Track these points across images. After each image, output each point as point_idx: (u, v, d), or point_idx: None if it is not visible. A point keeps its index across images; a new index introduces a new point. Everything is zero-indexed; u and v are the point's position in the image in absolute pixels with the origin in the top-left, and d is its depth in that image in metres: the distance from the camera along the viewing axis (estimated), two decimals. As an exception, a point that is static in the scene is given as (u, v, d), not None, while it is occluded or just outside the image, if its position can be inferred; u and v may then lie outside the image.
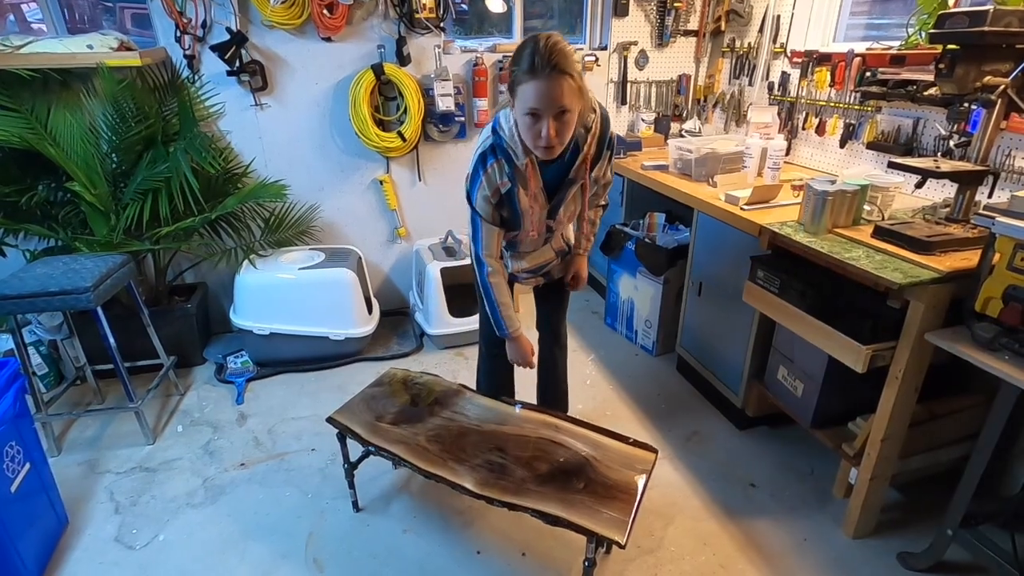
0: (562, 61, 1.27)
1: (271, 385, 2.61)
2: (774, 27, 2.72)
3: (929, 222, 1.66)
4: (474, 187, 1.49)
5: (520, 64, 1.30)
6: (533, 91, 1.29)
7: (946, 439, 1.80)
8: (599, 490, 1.46)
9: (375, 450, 1.67)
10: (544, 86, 1.28)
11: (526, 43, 1.30)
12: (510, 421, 1.72)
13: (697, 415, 2.37)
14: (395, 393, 1.88)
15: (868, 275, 1.47)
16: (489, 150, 1.45)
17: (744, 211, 2.00)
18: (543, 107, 1.30)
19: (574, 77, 1.30)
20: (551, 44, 1.26)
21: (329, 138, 2.86)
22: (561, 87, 1.29)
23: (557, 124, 1.32)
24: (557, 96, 1.29)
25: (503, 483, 1.49)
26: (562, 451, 1.58)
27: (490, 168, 1.46)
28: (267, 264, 2.63)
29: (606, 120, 1.53)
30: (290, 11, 2.49)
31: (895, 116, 2.17)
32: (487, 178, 1.46)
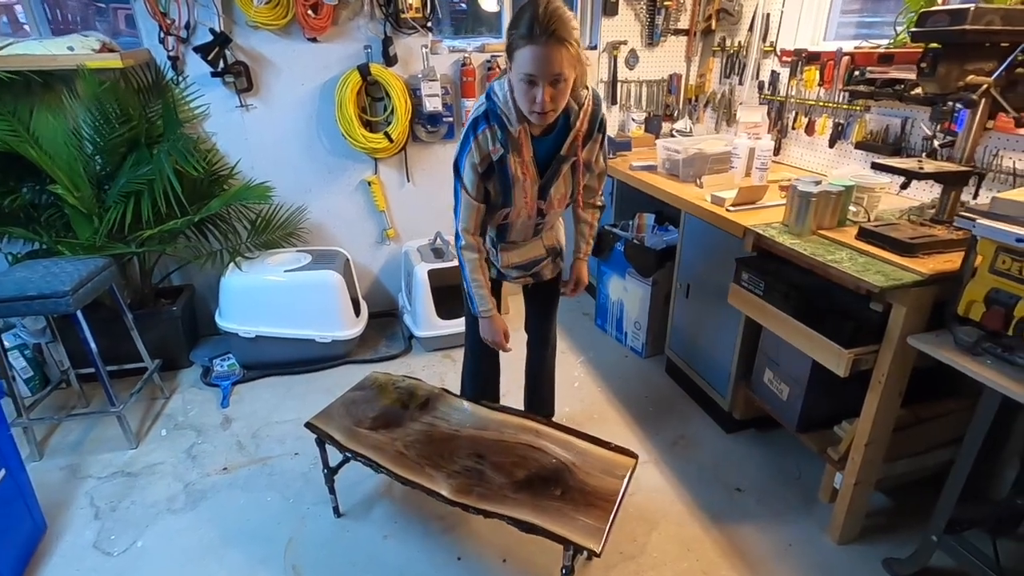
0: (561, 28, 1.26)
1: (257, 388, 2.60)
2: (764, 26, 2.69)
3: (914, 223, 1.64)
4: (463, 152, 1.47)
5: (519, 28, 1.28)
6: (530, 56, 1.28)
7: (933, 443, 1.78)
8: (577, 497, 1.44)
9: (352, 456, 1.65)
10: (541, 52, 1.26)
11: (526, 6, 1.28)
12: (491, 426, 1.70)
13: (685, 418, 2.35)
14: (376, 397, 1.86)
15: (850, 278, 1.44)
16: (482, 116, 1.43)
17: (729, 212, 1.98)
18: (539, 73, 1.29)
19: (572, 45, 1.29)
20: (551, 9, 1.24)
21: (316, 139, 2.84)
22: (559, 54, 1.27)
23: (552, 90, 1.31)
24: (554, 63, 1.28)
25: (480, 490, 1.47)
26: (541, 457, 1.56)
27: (481, 134, 1.44)
28: (253, 266, 2.61)
29: (598, 99, 1.52)
30: (274, 11, 2.47)
31: (883, 115, 2.15)
32: (477, 144, 1.44)
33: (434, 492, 1.48)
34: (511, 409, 1.78)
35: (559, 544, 1.35)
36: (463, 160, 1.48)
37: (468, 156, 1.46)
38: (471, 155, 1.45)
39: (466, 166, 1.48)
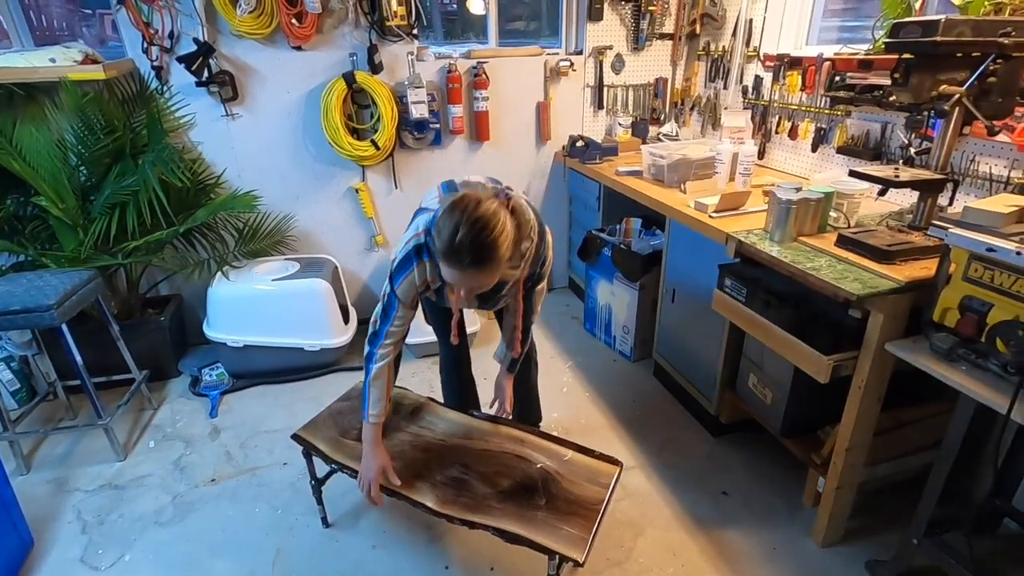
0: (485, 255, 1.16)
1: (246, 397, 2.60)
2: (747, 31, 2.71)
3: (892, 229, 1.66)
4: (402, 274, 1.39)
5: (439, 240, 1.18)
6: (449, 275, 1.23)
7: (914, 446, 1.80)
8: (561, 506, 1.45)
9: (338, 467, 1.65)
10: (461, 276, 1.21)
11: (451, 215, 1.16)
12: (476, 435, 1.70)
13: (672, 422, 2.36)
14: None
15: (827, 286, 1.46)
16: (423, 247, 1.36)
17: (712, 219, 1.99)
18: (462, 287, 1.27)
19: (495, 266, 1.20)
20: (473, 235, 1.14)
21: (303, 147, 2.84)
22: (480, 278, 1.22)
23: (472, 292, 1.31)
24: (475, 283, 1.24)
25: (464, 500, 1.48)
26: (526, 466, 1.57)
27: (419, 266, 1.38)
28: (241, 275, 2.61)
29: (542, 242, 1.47)
30: (258, 21, 2.47)
31: (864, 121, 2.17)
32: (418, 271, 1.38)
33: (419, 503, 1.48)
34: (498, 418, 1.79)
35: (544, 554, 1.36)
36: (400, 279, 1.40)
37: (408, 277, 1.39)
38: (411, 277, 1.39)
39: (404, 284, 1.40)
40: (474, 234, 1.14)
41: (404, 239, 1.42)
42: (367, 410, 1.53)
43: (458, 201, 1.19)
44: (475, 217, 1.15)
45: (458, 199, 1.19)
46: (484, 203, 1.18)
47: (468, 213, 1.16)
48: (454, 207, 1.18)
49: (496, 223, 1.17)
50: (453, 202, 1.19)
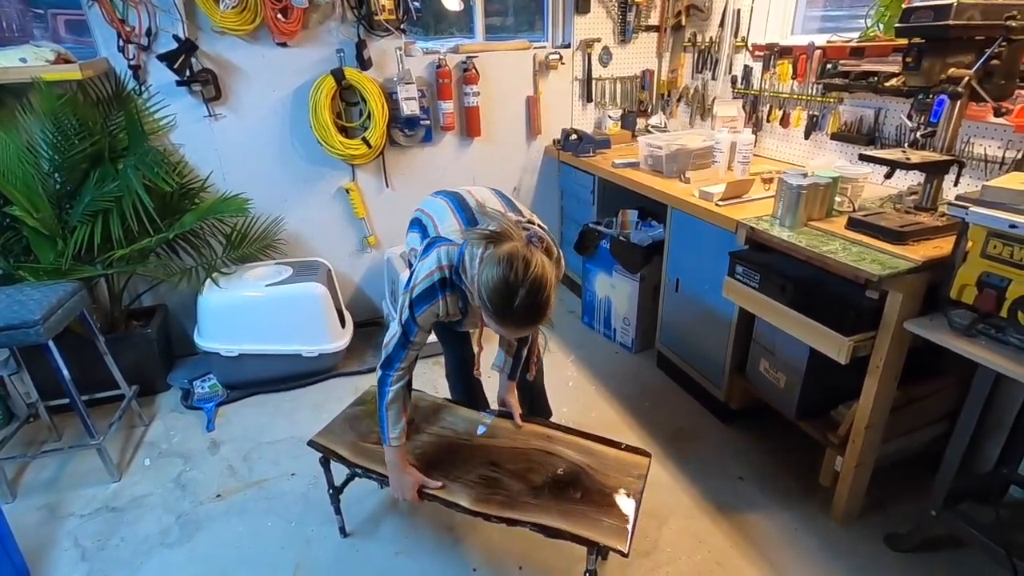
0: (540, 315, 1.20)
1: (243, 408, 2.50)
2: (734, 21, 2.75)
3: (899, 211, 1.70)
4: (424, 305, 1.37)
5: (490, 297, 1.18)
6: (502, 330, 1.28)
7: (923, 421, 1.85)
8: (596, 498, 1.44)
9: (362, 472, 1.60)
10: (514, 331, 1.29)
11: (501, 272, 1.15)
12: (501, 434, 1.68)
13: (681, 411, 2.38)
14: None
15: (847, 268, 1.49)
16: (449, 282, 1.36)
17: (719, 207, 2.01)
18: (509, 337, 1.38)
19: (549, 315, 1.23)
20: (531, 300, 1.15)
21: (290, 147, 2.75)
22: (532, 329, 1.34)
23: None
24: (525, 336, 1.39)
25: (499, 497, 1.45)
26: (556, 461, 1.56)
27: (442, 299, 1.37)
28: (231, 282, 2.51)
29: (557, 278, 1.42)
30: (241, 16, 2.37)
31: (857, 107, 2.22)
32: (442, 303, 1.37)
33: (453, 504, 1.45)
34: (504, 412, 1.76)
35: (583, 547, 1.35)
36: (423, 308, 1.37)
37: (431, 307, 1.37)
38: (436, 306, 1.37)
39: (426, 314, 1.38)
40: (532, 297, 1.16)
41: (422, 268, 1.38)
42: (387, 434, 1.49)
43: (506, 260, 1.16)
44: (530, 280, 1.15)
45: (505, 257, 1.16)
46: (532, 261, 1.16)
47: (520, 275, 1.15)
48: (502, 265, 1.16)
49: (547, 281, 1.18)
50: (500, 260, 1.16)
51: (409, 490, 1.48)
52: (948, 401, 1.86)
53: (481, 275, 1.19)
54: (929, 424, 1.87)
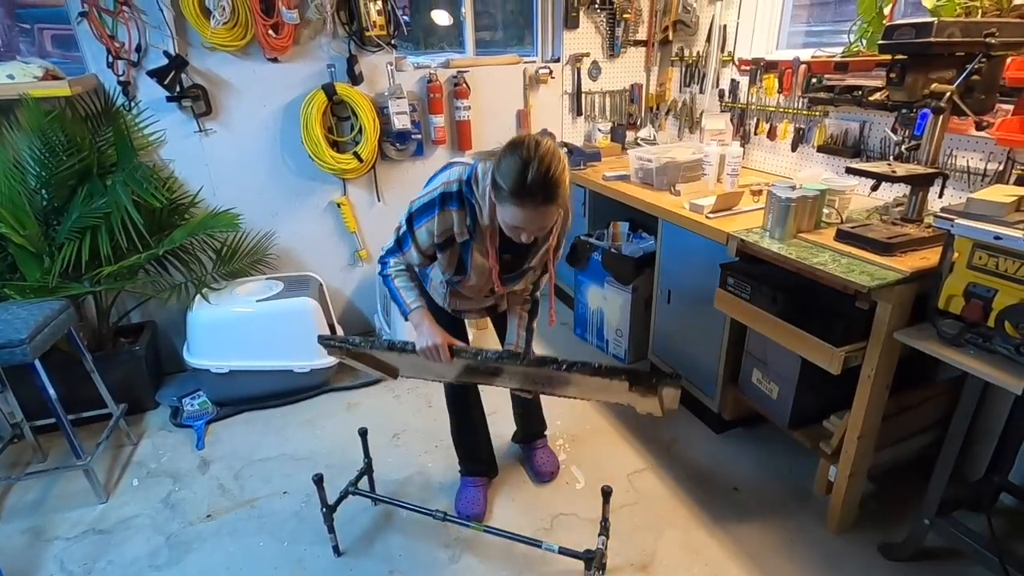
0: (557, 190, 1.20)
1: (233, 425, 2.47)
2: (720, 37, 2.79)
3: (885, 222, 1.73)
4: (424, 216, 1.38)
5: (505, 180, 1.19)
6: (519, 216, 1.23)
7: (915, 429, 1.87)
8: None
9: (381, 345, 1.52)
10: (531, 214, 1.22)
11: (516, 154, 1.18)
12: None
13: (674, 421, 2.38)
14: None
15: (837, 280, 1.50)
16: (456, 195, 1.36)
17: (709, 219, 2.03)
18: (527, 228, 1.27)
19: (565, 200, 1.25)
20: (544, 170, 1.16)
21: (281, 161, 2.74)
22: (549, 212, 1.24)
23: (539, 231, 1.31)
24: (544, 221, 1.26)
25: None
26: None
27: (451, 211, 1.37)
28: (221, 298, 2.48)
29: (569, 218, 1.48)
30: (233, 32, 2.37)
31: (842, 120, 2.26)
32: (442, 218, 1.37)
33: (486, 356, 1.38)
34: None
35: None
36: (421, 222, 1.39)
37: (428, 222, 1.38)
38: (432, 223, 1.38)
39: (422, 229, 1.40)
40: (544, 170, 1.17)
41: (429, 184, 1.41)
42: (404, 304, 1.49)
43: (518, 142, 1.21)
44: (542, 154, 1.17)
45: (516, 140, 1.22)
46: (542, 141, 1.20)
47: (533, 151, 1.18)
48: (516, 148, 1.20)
49: (560, 157, 1.21)
50: (513, 143, 1.22)
51: (440, 345, 1.40)
52: (939, 408, 1.88)
53: (496, 168, 1.22)
54: (921, 431, 1.89)
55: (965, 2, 1.72)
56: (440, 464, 2.19)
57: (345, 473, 1.91)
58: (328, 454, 2.25)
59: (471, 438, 1.98)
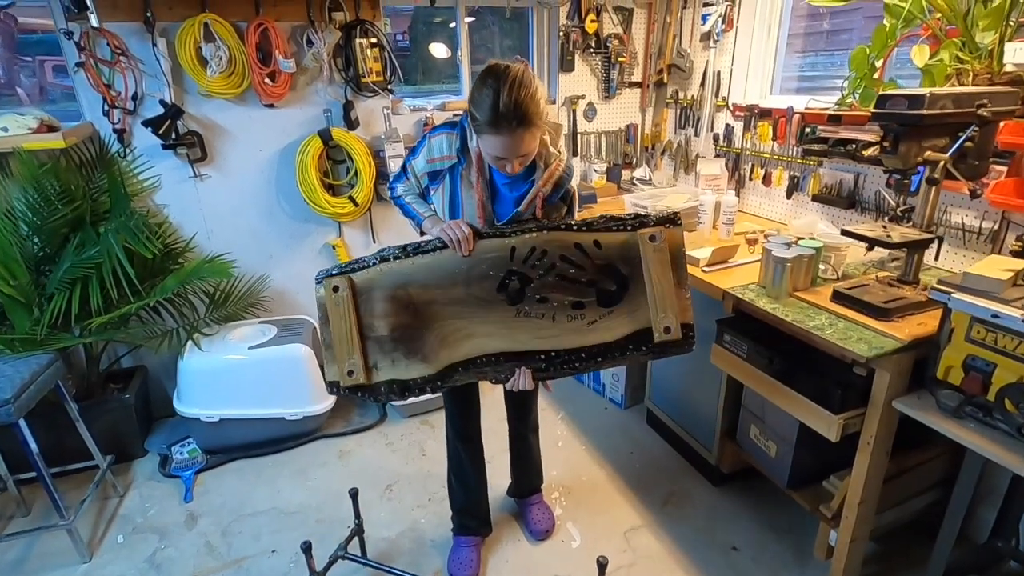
0: (529, 112, 1.23)
1: (223, 475, 2.42)
2: (715, 82, 2.82)
3: (882, 282, 1.72)
4: (416, 150, 1.52)
5: (480, 113, 1.24)
6: (498, 144, 1.27)
7: (917, 490, 1.83)
8: None
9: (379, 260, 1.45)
10: (508, 140, 1.26)
11: (486, 83, 1.23)
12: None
13: (672, 473, 2.35)
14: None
15: (835, 347, 1.48)
16: (447, 124, 1.46)
17: (705, 273, 2.02)
18: (508, 156, 1.30)
19: (539, 120, 1.27)
20: (516, 97, 1.20)
21: (276, 204, 2.74)
22: (527, 136, 1.26)
23: (522, 158, 1.33)
24: (523, 145, 1.29)
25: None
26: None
27: (442, 134, 1.45)
28: (214, 344, 2.46)
29: (569, 169, 1.52)
30: (229, 80, 2.38)
31: (837, 170, 2.27)
32: (431, 144, 1.46)
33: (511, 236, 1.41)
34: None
35: None
36: (419, 148, 1.51)
37: (423, 153, 1.49)
38: (428, 148, 1.47)
39: (420, 155, 1.50)
40: (516, 93, 1.20)
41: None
42: (417, 215, 1.57)
43: (488, 70, 1.25)
44: (512, 78, 1.21)
45: (486, 69, 1.26)
46: (512, 65, 1.24)
47: (503, 77, 1.21)
48: (486, 76, 1.24)
49: (531, 79, 1.24)
50: (483, 73, 1.25)
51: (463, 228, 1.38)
52: (941, 468, 1.85)
53: (471, 101, 1.27)
54: (923, 492, 1.86)
55: (955, 64, 1.73)
56: (433, 519, 2.14)
57: (336, 529, 1.87)
58: (319, 507, 2.20)
59: (468, 493, 1.93)
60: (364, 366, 1.45)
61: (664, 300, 1.38)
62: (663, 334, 1.39)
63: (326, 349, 1.47)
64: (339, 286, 1.43)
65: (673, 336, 1.39)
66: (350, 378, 1.45)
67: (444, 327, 1.45)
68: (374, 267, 1.45)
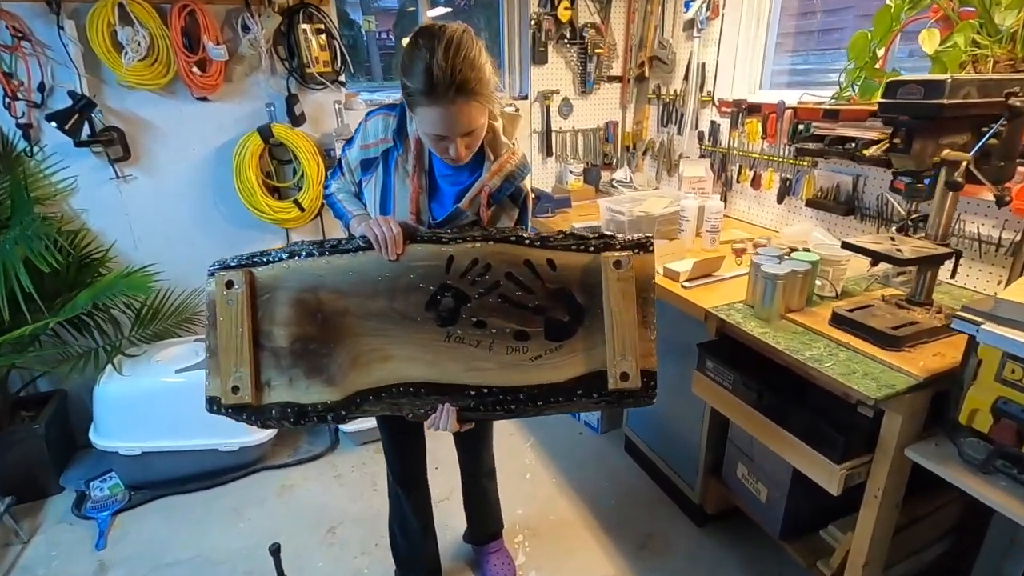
0: (469, 79, 1.02)
1: (146, 515, 2.14)
2: (699, 75, 2.57)
3: (889, 303, 1.47)
4: (352, 139, 1.31)
5: (412, 79, 1.03)
6: (436, 118, 1.06)
7: (928, 540, 1.60)
8: None
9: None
10: (446, 112, 1.04)
11: (418, 45, 1.02)
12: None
13: (651, 510, 2.09)
14: None
15: (836, 384, 1.24)
16: (387, 105, 1.26)
17: (686, 288, 1.77)
18: (449, 133, 1.08)
19: (484, 93, 1.06)
20: (454, 57, 1.00)
21: (213, 209, 2.46)
22: (469, 109, 1.05)
23: (468, 139, 1.12)
24: (464, 121, 1.06)
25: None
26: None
27: (378, 115, 1.24)
28: (137, 366, 2.17)
29: (523, 164, 1.27)
30: (152, 69, 2.11)
31: (833, 172, 2.03)
32: (367, 128, 1.25)
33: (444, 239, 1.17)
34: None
35: None
36: (353, 141, 1.30)
37: (359, 138, 1.27)
38: (364, 133, 1.26)
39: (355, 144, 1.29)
40: (454, 57, 1.00)
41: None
42: (347, 213, 1.33)
43: (420, 31, 1.04)
44: (448, 38, 1.01)
45: (417, 30, 1.05)
46: (448, 25, 1.04)
47: (438, 36, 1.01)
48: (418, 37, 1.03)
49: (470, 40, 1.04)
50: (415, 34, 1.05)
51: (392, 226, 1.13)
52: (955, 514, 1.61)
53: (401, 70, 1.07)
54: (935, 542, 1.62)
55: (971, 50, 1.49)
56: (379, 568, 1.87)
57: (259, 591, 1.60)
58: (250, 555, 1.93)
59: (412, 545, 1.67)
60: (254, 382, 1.19)
61: (624, 340, 1.13)
62: (619, 381, 1.13)
63: (209, 357, 1.22)
64: (234, 281, 1.18)
65: (631, 384, 1.13)
66: (234, 395, 1.19)
67: (357, 345, 1.19)
68: (281, 263, 1.19)
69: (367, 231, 1.15)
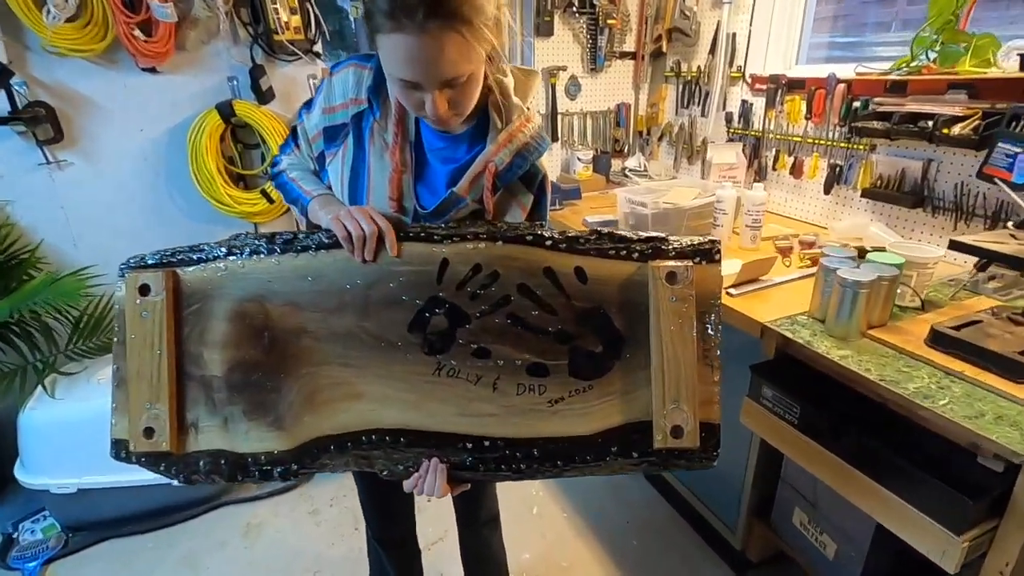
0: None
1: (84, 564, 1.81)
2: (728, 48, 2.25)
3: (999, 318, 1.17)
4: (312, 102, 0.96)
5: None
6: (400, 50, 0.73)
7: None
8: None
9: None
10: (419, 44, 0.72)
11: None
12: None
13: (680, 553, 1.79)
14: None
15: (962, 432, 0.93)
16: (358, 56, 0.91)
17: (732, 296, 1.46)
18: (421, 78, 0.75)
19: (473, 23, 0.73)
20: None
21: (168, 201, 2.12)
22: (448, 46, 0.72)
23: (451, 93, 0.78)
24: (446, 61, 0.73)
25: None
26: None
27: (347, 67, 0.90)
28: (74, 387, 1.84)
29: (541, 139, 0.92)
30: (84, 33, 1.76)
31: (897, 157, 1.72)
32: (333, 85, 0.91)
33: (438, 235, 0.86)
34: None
35: None
36: (314, 102, 0.95)
37: (324, 94, 0.92)
38: (328, 91, 0.92)
39: (316, 105, 0.94)
40: None
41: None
42: (302, 193, 0.99)
43: None
44: None
45: None
46: None
47: None
48: None
49: None
50: None
51: (376, 218, 0.83)
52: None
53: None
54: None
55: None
56: (360, 632, 1.56)
57: None
58: (204, 616, 1.61)
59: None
60: (175, 424, 0.88)
61: (679, 382, 0.81)
62: (669, 437, 0.81)
63: (116, 387, 0.91)
64: (151, 286, 0.89)
65: (685, 442, 0.81)
66: (147, 440, 0.88)
67: (316, 377, 0.88)
68: (216, 262, 0.90)
69: (334, 224, 0.83)
